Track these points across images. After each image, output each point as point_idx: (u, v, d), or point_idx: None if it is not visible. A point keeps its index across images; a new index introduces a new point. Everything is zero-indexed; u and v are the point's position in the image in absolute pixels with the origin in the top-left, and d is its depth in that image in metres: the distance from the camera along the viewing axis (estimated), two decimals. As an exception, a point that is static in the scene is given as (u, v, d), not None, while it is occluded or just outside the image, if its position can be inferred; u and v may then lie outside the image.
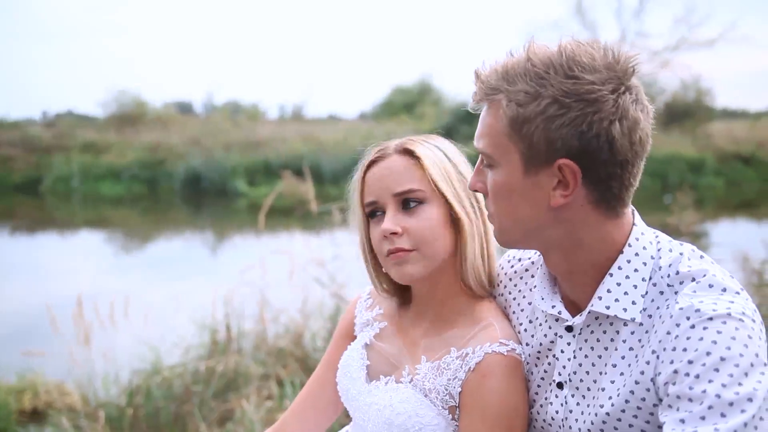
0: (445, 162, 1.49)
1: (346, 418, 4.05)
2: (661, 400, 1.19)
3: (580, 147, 1.19)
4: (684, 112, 24.57)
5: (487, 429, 1.38)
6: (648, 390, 1.21)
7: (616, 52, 1.21)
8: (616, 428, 1.26)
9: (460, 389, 1.43)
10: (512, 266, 1.53)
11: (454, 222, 1.48)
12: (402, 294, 1.62)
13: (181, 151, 22.80)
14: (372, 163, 1.52)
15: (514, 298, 1.50)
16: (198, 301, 5.78)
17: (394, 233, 1.46)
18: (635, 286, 1.26)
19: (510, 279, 1.52)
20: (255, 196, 18.43)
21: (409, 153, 1.49)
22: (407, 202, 1.47)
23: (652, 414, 1.22)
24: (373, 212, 1.52)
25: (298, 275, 5.28)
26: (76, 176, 21.90)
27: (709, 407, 1.09)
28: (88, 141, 23.61)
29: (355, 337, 1.69)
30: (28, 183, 21.80)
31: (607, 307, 1.27)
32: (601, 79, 1.18)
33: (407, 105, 30.80)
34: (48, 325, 4.60)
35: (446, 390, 1.44)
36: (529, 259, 1.51)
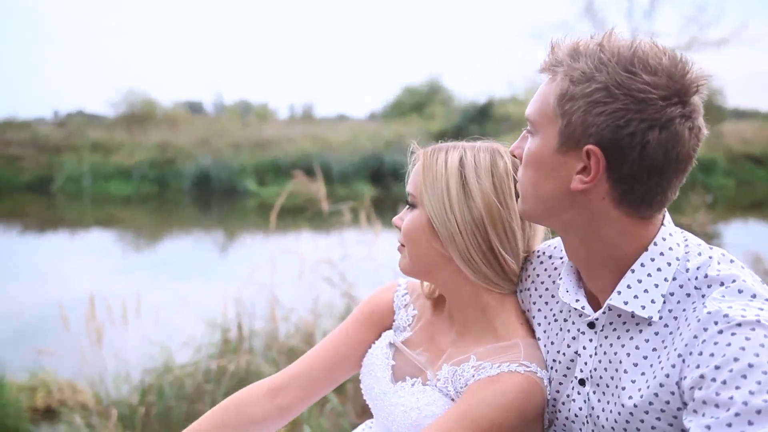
0: (446, 174, 1.46)
1: (357, 418, 4.06)
2: (685, 404, 1.18)
3: (612, 139, 1.19)
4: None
5: (465, 425, 1.35)
6: (673, 393, 1.20)
7: (688, 66, 1.20)
8: (638, 429, 1.25)
9: None
10: (541, 262, 1.52)
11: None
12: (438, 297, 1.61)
13: (191, 150, 22.87)
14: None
15: (540, 296, 1.49)
16: (208, 300, 5.80)
17: (398, 226, 1.55)
18: (656, 285, 1.25)
19: (538, 275, 1.51)
20: (264, 195, 18.47)
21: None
22: (407, 203, 1.54)
23: (675, 417, 1.21)
24: None
25: (309, 275, 5.28)
26: (86, 176, 22.00)
27: (736, 414, 1.07)
28: (98, 140, 23.71)
29: (383, 329, 1.66)
30: (38, 182, 21.91)
31: (626, 303, 1.26)
32: (657, 84, 1.17)
33: (417, 105, 30.84)
34: (59, 324, 4.62)
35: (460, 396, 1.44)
36: (561, 258, 1.50)
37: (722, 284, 1.21)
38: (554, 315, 1.45)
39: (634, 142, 1.18)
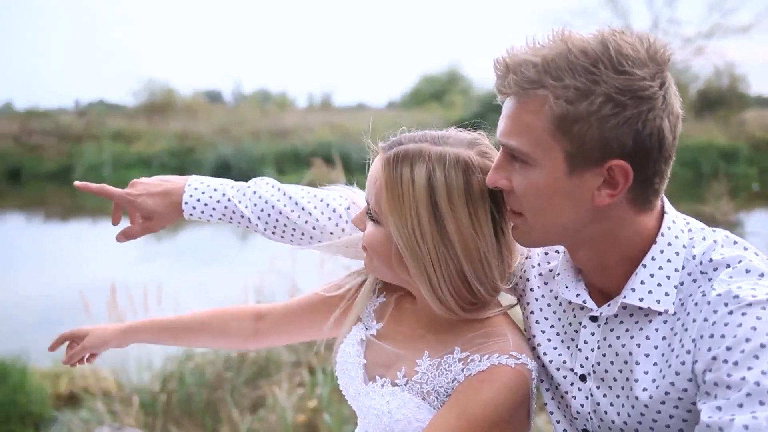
0: (415, 198, 1.30)
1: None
2: (699, 388, 1.17)
3: (633, 146, 1.15)
4: (717, 100, 24.19)
5: (458, 428, 1.30)
6: (690, 380, 1.18)
7: (651, 41, 1.17)
8: (655, 420, 1.24)
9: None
10: (539, 263, 1.46)
11: None
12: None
13: (210, 139, 22.97)
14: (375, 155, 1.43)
15: (543, 295, 1.44)
16: (228, 288, 5.82)
17: (360, 228, 1.43)
18: (668, 277, 1.24)
19: (533, 273, 1.46)
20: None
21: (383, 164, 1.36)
22: (369, 212, 1.39)
23: (693, 404, 1.19)
24: None
25: (329, 263, 5.28)
26: (106, 164, 22.13)
27: (748, 394, 1.06)
28: (118, 130, 23.88)
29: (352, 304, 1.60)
30: (60, 171, 22.07)
31: (641, 299, 1.24)
32: (651, 74, 1.14)
33: (436, 93, 30.76)
34: (81, 311, 4.66)
35: (446, 392, 1.37)
36: (557, 251, 1.45)
37: (728, 266, 1.19)
38: (554, 311, 1.41)
39: (653, 140, 1.15)
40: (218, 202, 1.61)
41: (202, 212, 1.62)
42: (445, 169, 1.30)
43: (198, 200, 1.61)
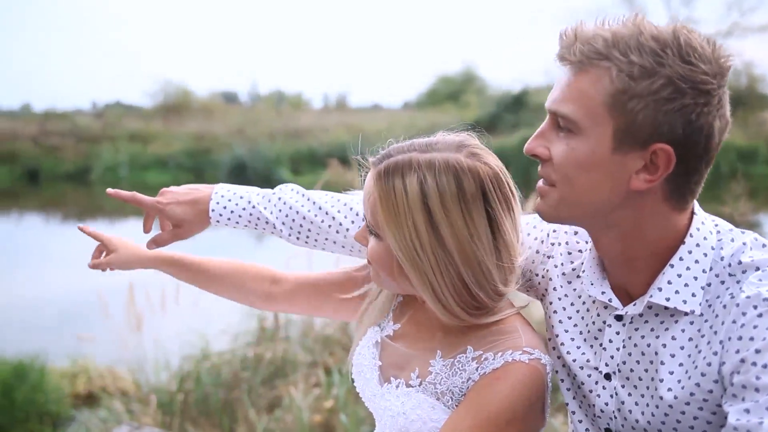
0: (410, 209, 1.30)
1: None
2: (725, 390, 1.16)
3: (683, 135, 1.15)
4: (736, 100, 23.77)
5: (474, 426, 1.29)
6: (716, 382, 1.17)
7: (717, 45, 1.18)
8: (679, 420, 1.23)
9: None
10: (561, 263, 1.45)
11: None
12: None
13: (226, 140, 23.09)
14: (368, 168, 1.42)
15: (566, 295, 1.43)
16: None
17: (362, 243, 1.43)
18: (695, 278, 1.23)
19: (557, 269, 1.45)
20: (299, 184, 18.53)
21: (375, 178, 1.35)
22: (368, 226, 1.39)
23: (719, 406, 1.18)
24: None
25: (345, 263, 5.28)
26: (123, 165, 22.29)
27: None
28: (135, 131, 24.07)
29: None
30: (78, 172, 22.26)
31: (667, 299, 1.23)
32: (713, 72, 1.15)
33: (451, 94, 30.76)
34: (99, 311, 4.69)
35: (461, 392, 1.36)
36: (580, 251, 1.44)
37: (758, 269, 1.18)
38: (578, 310, 1.40)
39: (702, 134, 1.15)
40: (244, 209, 1.65)
41: (229, 219, 1.66)
42: (435, 176, 1.30)
43: (224, 207, 1.65)
